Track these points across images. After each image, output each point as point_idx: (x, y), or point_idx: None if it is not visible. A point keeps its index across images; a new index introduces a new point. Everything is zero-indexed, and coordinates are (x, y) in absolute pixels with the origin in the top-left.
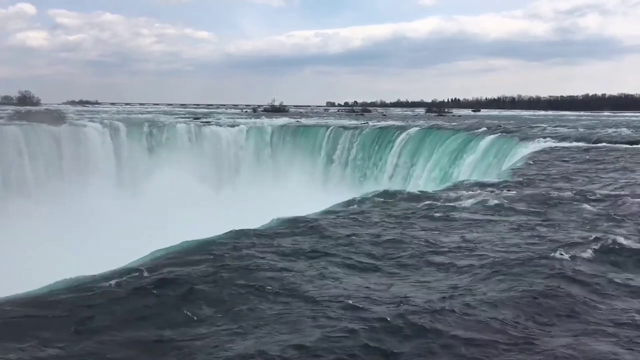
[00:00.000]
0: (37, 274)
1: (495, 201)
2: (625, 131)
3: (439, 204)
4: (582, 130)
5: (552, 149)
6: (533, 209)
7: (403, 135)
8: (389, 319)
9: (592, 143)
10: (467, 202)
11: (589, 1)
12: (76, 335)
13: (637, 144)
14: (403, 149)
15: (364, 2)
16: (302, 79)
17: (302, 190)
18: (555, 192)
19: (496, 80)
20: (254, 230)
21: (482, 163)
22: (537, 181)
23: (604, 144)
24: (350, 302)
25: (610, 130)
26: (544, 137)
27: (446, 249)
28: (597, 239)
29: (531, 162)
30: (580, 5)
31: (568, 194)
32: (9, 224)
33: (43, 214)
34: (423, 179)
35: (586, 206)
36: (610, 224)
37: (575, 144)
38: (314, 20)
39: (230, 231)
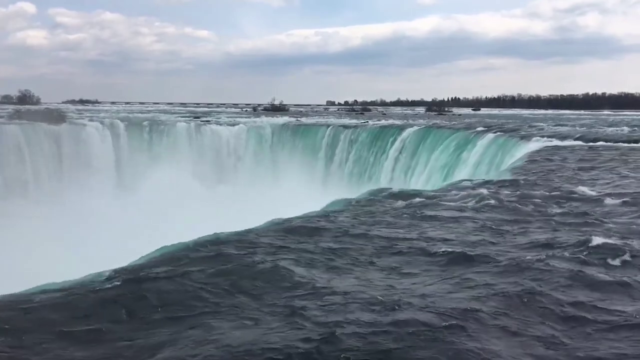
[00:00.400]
0: (37, 274)
1: (475, 200)
2: (620, 131)
3: (423, 202)
4: (580, 129)
5: (549, 149)
6: (510, 209)
7: (403, 134)
8: (323, 315)
9: (589, 142)
10: (449, 201)
11: (589, 0)
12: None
13: (634, 142)
14: (403, 148)
15: (363, 2)
16: (302, 78)
17: (301, 190)
18: (539, 192)
19: (496, 79)
20: (231, 233)
21: (480, 163)
22: (527, 181)
23: (600, 142)
24: (295, 302)
25: (609, 130)
26: (542, 137)
27: (404, 246)
28: (556, 239)
29: (527, 162)
30: (580, 4)
31: (550, 193)
32: (9, 224)
33: (43, 214)
34: (423, 178)
35: (561, 206)
36: (581, 224)
37: (571, 142)
38: (314, 19)
39: (208, 235)
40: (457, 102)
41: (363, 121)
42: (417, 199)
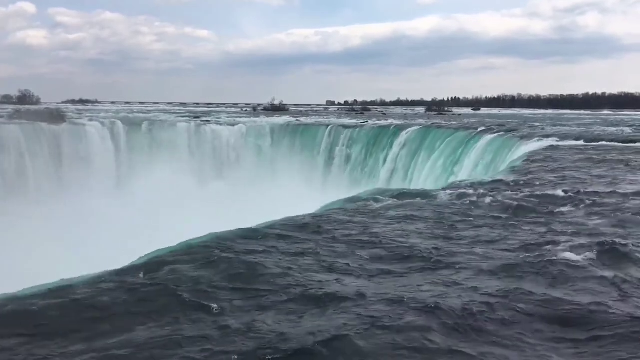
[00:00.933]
0: (37, 273)
1: (460, 202)
2: (618, 132)
3: (414, 203)
4: (579, 129)
5: (543, 150)
6: (494, 209)
7: (403, 134)
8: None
9: (585, 142)
10: (438, 202)
11: None
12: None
13: (630, 142)
14: (402, 148)
15: (363, 1)
16: (302, 77)
17: (301, 190)
18: (522, 193)
19: (496, 79)
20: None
21: (478, 164)
22: (513, 182)
23: (593, 143)
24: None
25: (607, 130)
26: (540, 138)
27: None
28: (505, 238)
29: (524, 163)
30: (580, 4)
31: (531, 194)
32: (9, 224)
33: (43, 214)
34: (422, 179)
35: (528, 206)
36: (535, 224)
37: (567, 143)
38: (314, 19)
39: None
40: (457, 102)
41: (362, 121)
42: (411, 200)
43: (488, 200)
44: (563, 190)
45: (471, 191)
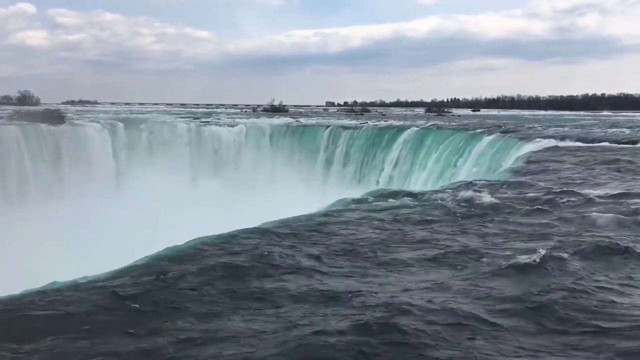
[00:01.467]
0: (37, 273)
1: (453, 203)
2: (611, 131)
3: (409, 204)
4: (577, 130)
5: (539, 152)
6: (468, 211)
7: (402, 135)
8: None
9: (581, 143)
10: (430, 202)
11: (588, 0)
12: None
13: (626, 144)
14: (402, 150)
15: (363, 2)
16: (302, 78)
17: (301, 191)
18: (509, 194)
19: (496, 79)
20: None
21: (477, 164)
22: (495, 185)
23: (588, 144)
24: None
25: (607, 131)
26: (541, 138)
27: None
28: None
29: (523, 164)
30: (580, 5)
31: (503, 195)
32: (9, 224)
33: (43, 214)
34: (421, 180)
35: (525, 210)
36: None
37: (561, 144)
38: (314, 19)
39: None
40: (456, 103)
41: (362, 122)
42: (409, 201)
43: (453, 203)
44: (534, 192)
45: (446, 195)
